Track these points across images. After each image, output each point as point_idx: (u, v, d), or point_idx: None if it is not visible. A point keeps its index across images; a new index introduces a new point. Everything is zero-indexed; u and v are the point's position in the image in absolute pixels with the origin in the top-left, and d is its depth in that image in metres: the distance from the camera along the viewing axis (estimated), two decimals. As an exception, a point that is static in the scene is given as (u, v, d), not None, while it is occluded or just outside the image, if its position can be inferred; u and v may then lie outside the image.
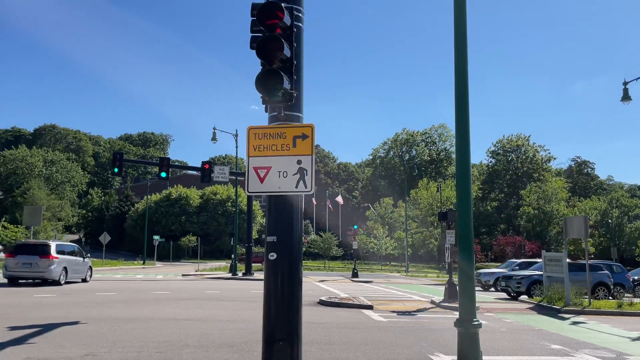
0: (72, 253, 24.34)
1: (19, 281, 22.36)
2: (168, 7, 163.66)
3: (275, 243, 5.10)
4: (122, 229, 75.73)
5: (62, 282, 22.56)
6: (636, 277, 29.72)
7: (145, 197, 71.57)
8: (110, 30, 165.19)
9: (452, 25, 6.15)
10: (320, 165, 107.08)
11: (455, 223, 17.81)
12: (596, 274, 20.50)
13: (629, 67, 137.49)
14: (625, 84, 20.58)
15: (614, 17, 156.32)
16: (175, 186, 77.35)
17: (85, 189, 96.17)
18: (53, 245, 22.68)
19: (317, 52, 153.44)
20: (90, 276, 26.08)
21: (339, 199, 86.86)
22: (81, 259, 25.11)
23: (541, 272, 21.94)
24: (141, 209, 72.88)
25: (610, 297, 22.37)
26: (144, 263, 55.60)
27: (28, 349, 8.26)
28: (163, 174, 26.09)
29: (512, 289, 22.28)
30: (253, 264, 36.05)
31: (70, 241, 72.80)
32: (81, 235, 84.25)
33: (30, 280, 22.52)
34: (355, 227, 49.21)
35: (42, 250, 21.98)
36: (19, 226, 56.11)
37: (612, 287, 22.84)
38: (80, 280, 24.82)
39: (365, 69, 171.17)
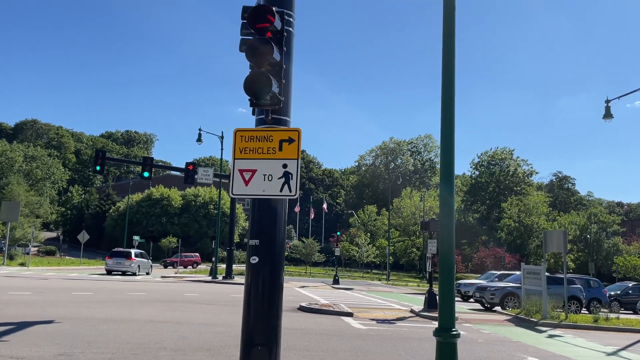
0: (142, 256, 36.77)
1: (112, 273, 33.86)
2: (154, 7, 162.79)
3: (258, 246, 5.06)
4: (102, 228, 74.63)
5: (137, 274, 34.16)
6: (613, 293, 30.19)
7: (127, 196, 70.74)
8: (94, 26, 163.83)
9: (441, 39, 6.20)
10: (304, 170, 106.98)
11: (437, 233, 17.92)
12: (569, 288, 20.74)
13: (611, 85, 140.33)
14: (607, 102, 20.91)
15: (598, 35, 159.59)
16: (156, 186, 76.55)
17: (65, 186, 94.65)
18: (133, 252, 35.57)
19: (307, 58, 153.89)
20: (151, 271, 37.86)
21: (324, 207, 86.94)
22: (147, 260, 37.20)
23: (515, 284, 22.19)
24: (122, 208, 71.97)
25: (583, 311, 22.65)
26: (122, 263, 54.81)
27: (0, 347, 8.08)
28: (146, 174, 25.75)
29: (486, 300, 22.46)
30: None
31: (47, 239, 71.86)
32: (59, 233, 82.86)
33: (120, 273, 33.97)
34: (339, 233, 49.21)
35: (127, 255, 34.67)
36: (-4, 221, 54.93)
37: (584, 301, 23.12)
38: (145, 273, 35.82)
39: (353, 77, 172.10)
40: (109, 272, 34.02)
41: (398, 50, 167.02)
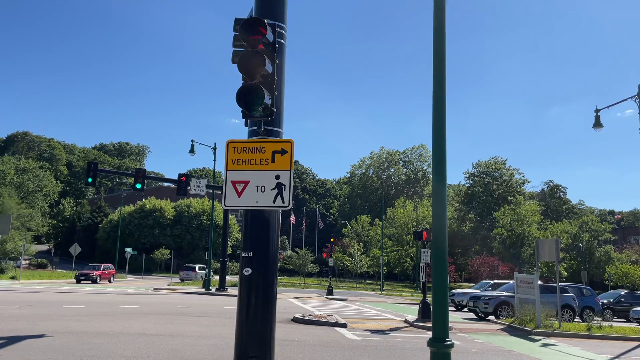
0: (203, 269, 47.21)
1: (184, 281, 46.05)
2: (146, 18, 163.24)
3: (251, 258, 5.06)
4: (94, 241, 74.08)
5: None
6: (605, 301, 30.28)
7: (119, 208, 70.34)
8: (85, 39, 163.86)
9: (432, 49, 6.27)
10: (297, 181, 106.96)
11: (431, 242, 17.96)
12: (562, 297, 20.83)
13: (602, 95, 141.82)
14: (597, 111, 21.12)
15: (589, 45, 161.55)
16: (149, 198, 76.24)
17: (57, 199, 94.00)
18: (197, 267, 49.84)
19: (299, 68, 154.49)
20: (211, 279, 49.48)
21: (319, 222, 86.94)
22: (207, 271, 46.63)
23: (508, 293, 22.22)
24: (114, 220, 71.57)
25: (576, 320, 22.68)
26: (114, 276, 54.38)
27: (-10, 362, 7.99)
28: (138, 186, 25.67)
29: (480, 309, 22.47)
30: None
31: (39, 252, 71.22)
32: (51, 246, 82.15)
33: (190, 280, 46.53)
34: (332, 236, 49.45)
35: (193, 269, 49.59)
36: (-14, 235, 54.30)
37: (577, 309, 23.17)
38: None
39: (346, 87, 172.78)
40: (182, 281, 46.65)
41: (390, 59, 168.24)
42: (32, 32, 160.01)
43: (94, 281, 41.64)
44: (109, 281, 44.18)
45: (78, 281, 41.08)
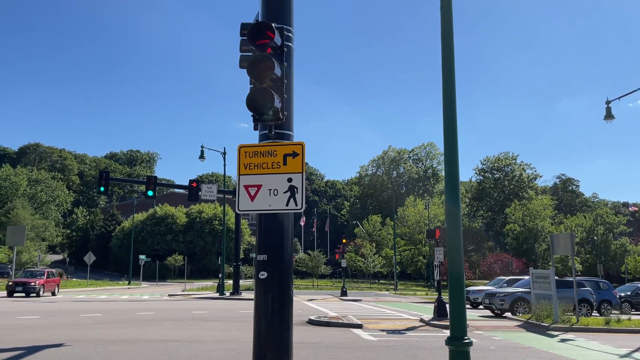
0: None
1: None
2: (153, 26, 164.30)
3: (266, 262, 5.07)
4: (108, 249, 74.63)
5: None
6: (623, 294, 29.93)
7: (132, 216, 70.81)
8: (93, 48, 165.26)
9: (439, 46, 6.24)
10: (307, 182, 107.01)
11: (444, 240, 17.85)
12: (579, 291, 20.60)
13: (612, 86, 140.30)
14: (608, 102, 20.90)
15: (598, 36, 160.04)
16: (160, 205, 76.65)
17: (70, 208, 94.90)
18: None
19: (307, 69, 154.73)
20: None
21: (327, 224, 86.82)
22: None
23: (524, 289, 22.03)
24: (127, 228, 72.02)
25: (594, 314, 22.44)
26: (129, 283, 54.75)
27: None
28: (150, 193, 25.83)
29: (496, 306, 22.29)
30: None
31: (54, 262, 72.00)
32: (65, 256, 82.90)
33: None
34: (344, 237, 49.37)
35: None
36: (2, 246, 55.03)
37: (594, 303, 22.92)
38: None
39: (353, 87, 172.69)
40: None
41: (397, 58, 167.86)
42: (41, 44, 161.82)
43: (31, 293, 29.81)
44: (53, 293, 32.67)
45: (11, 293, 29.58)
